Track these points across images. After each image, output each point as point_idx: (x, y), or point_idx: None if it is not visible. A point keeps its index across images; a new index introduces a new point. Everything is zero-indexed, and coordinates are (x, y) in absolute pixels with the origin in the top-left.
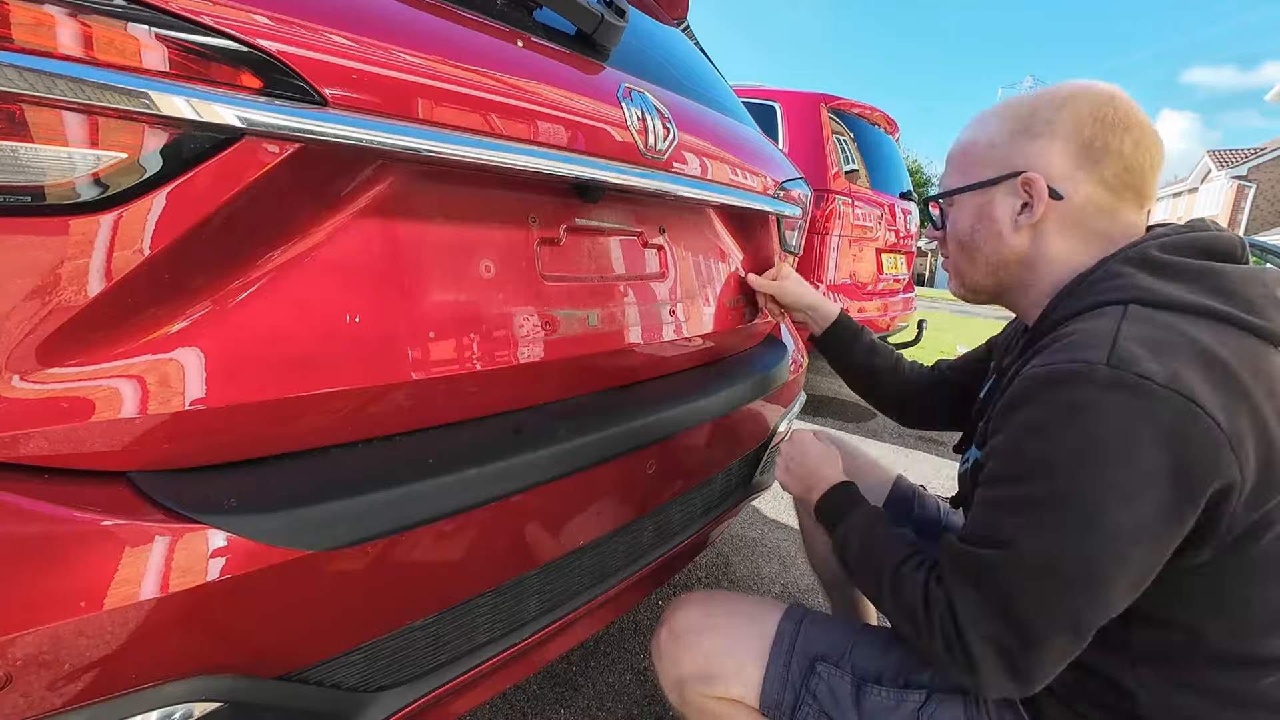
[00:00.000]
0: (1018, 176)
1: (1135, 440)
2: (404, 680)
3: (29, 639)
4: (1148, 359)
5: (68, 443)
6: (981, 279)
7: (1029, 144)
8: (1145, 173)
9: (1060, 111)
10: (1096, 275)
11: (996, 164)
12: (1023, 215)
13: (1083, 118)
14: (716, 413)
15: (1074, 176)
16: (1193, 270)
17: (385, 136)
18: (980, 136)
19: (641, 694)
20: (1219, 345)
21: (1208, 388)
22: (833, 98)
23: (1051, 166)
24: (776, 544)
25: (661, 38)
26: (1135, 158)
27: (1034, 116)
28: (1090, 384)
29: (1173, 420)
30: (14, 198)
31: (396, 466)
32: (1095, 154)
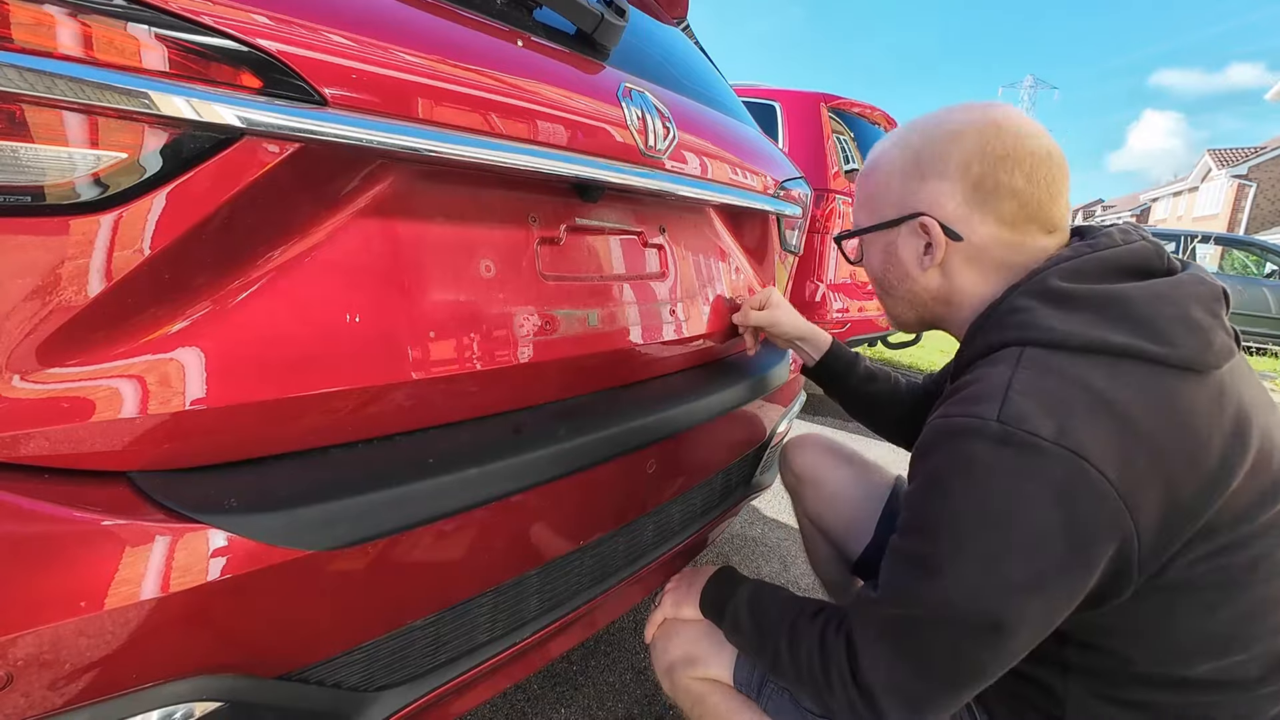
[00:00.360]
0: (917, 218)
1: (1025, 498)
2: (405, 680)
3: (29, 639)
4: (1037, 415)
5: (68, 443)
6: (905, 313)
7: (923, 185)
8: (1043, 204)
9: (950, 147)
10: (1001, 309)
11: (896, 204)
12: (926, 255)
13: (969, 155)
14: (716, 412)
15: (969, 218)
16: (1095, 298)
17: (385, 136)
18: (881, 170)
19: (642, 693)
20: (1116, 387)
21: (1100, 438)
22: (833, 97)
23: (945, 209)
24: (777, 543)
25: (661, 37)
26: (1029, 191)
27: (925, 153)
28: (981, 440)
29: (1062, 478)
30: (14, 198)
31: (397, 466)
32: (986, 193)
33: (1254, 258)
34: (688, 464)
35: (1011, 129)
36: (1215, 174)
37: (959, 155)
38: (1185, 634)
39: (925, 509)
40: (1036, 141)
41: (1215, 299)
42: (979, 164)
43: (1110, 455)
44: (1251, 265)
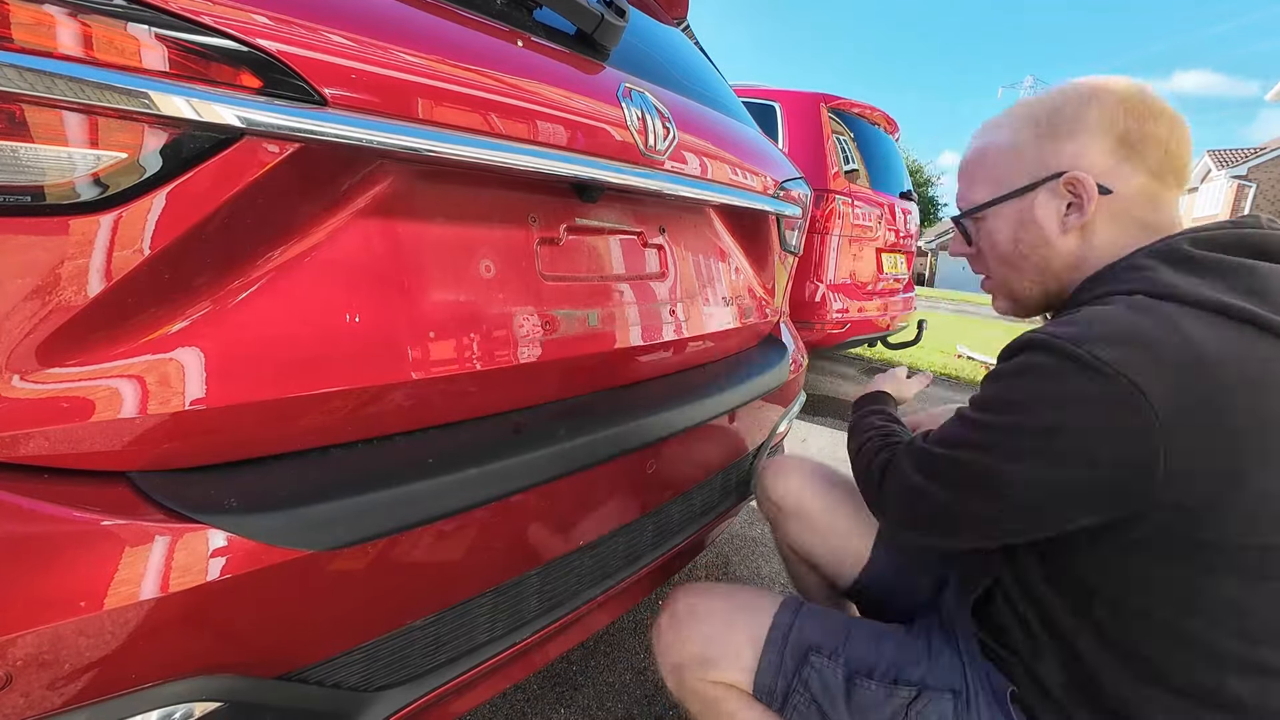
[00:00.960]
0: (1059, 178)
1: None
2: (405, 679)
3: (29, 639)
4: (1110, 344)
5: (68, 442)
6: (1031, 290)
7: (1063, 144)
8: (1184, 156)
9: (1087, 107)
10: (1120, 265)
11: (1028, 170)
12: (1071, 216)
13: (1113, 110)
14: (716, 413)
15: (1118, 169)
16: (1223, 266)
17: (385, 136)
18: (1000, 144)
19: (641, 693)
20: (1211, 339)
21: (1164, 379)
22: (833, 97)
23: (1094, 162)
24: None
25: (661, 37)
26: (1173, 142)
27: (1058, 116)
28: (1048, 352)
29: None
30: (14, 198)
31: (396, 466)
32: (1134, 144)
33: None
34: (687, 464)
35: (1147, 89)
36: (1215, 175)
37: (1101, 111)
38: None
39: (985, 394)
40: (1167, 104)
41: None
42: (1124, 118)
43: (1173, 399)
44: None
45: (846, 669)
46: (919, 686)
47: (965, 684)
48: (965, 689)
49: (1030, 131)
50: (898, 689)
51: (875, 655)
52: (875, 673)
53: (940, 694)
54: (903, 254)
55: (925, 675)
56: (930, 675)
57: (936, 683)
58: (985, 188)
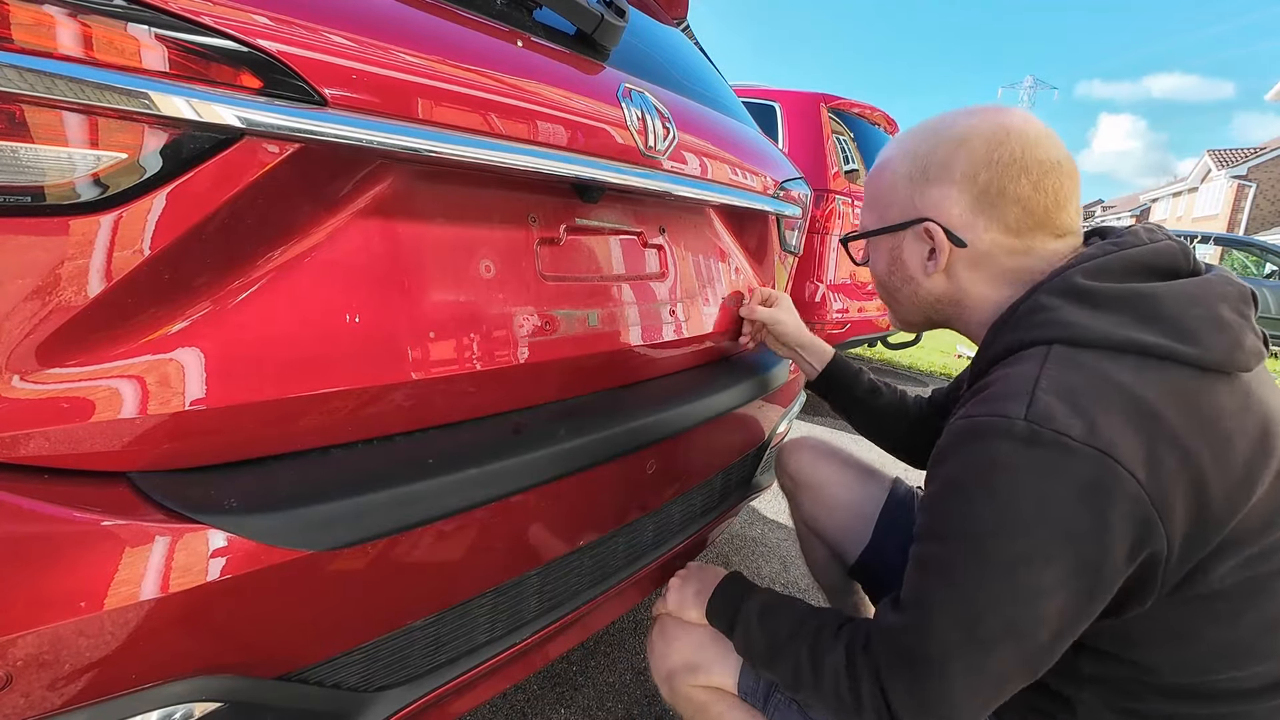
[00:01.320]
0: (921, 223)
1: (1053, 499)
2: (404, 680)
3: (29, 639)
4: (1066, 413)
5: (68, 443)
6: (910, 315)
7: (928, 189)
8: (1050, 211)
9: (955, 154)
10: (1024, 307)
11: (901, 207)
12: (930, 261)
13: (977, 162)
14: (716, 413)
15: (974, 224)
16: (1122, 297)
17: (385, 136)
18: (887, 174)
19: (641, 693)
20: (1143, 386)
21: (1129, 438)
22: (833, 97)
23: (950, 215)
24: (777, 544)
25: (661, 37)
26: (1035, 200)
27: (931, 158)
28: (1007, 440)
29: (1091, 478)
30: (14, 198)
31: (396, 466)
32: (992, 200)
33: (1254, 258)
34: (687, 464)
35: (1019, 136)
36: (1215, 174)
37: (966, 162)
38: (1207, 644)
39: (946, 514)
40: (1045, 149)
41: (1243, 300)
42: (985, 171)
43: (1140, 456)
44: (1251, 266)
45: None
46: None
47: None
48: None
49: (907, 171)
50: None
51: None
52: None
53: None
54: None
55: None
56: None
57: None
58: (870, 215)
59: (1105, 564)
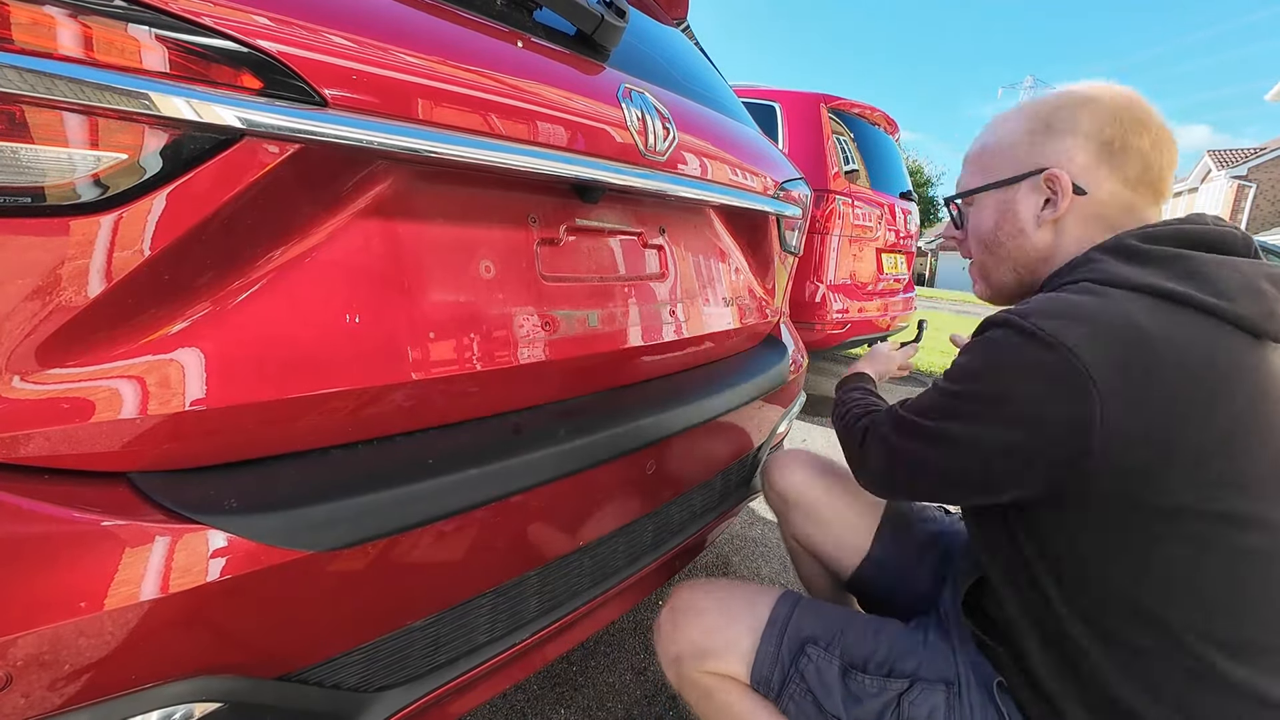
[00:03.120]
0: (1041, 173)
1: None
2: (404, 680)
3: (29, 639)
4: (1051, 316)
5: (68, 443)
6: (1006, 277)
7: (1051, 142)
8: (1163, 170)
9: (1080, 111)
10: (1077, 260)
11: (1018, 162)
12: (1046, 210)
13: (1103, 117)
14: (716, 413)
15: (1096, 173)
16: (1165, 257)
17: (385, 137)
18: (1000, 137)
19: (641, 694)
20: (1153, 324)
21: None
22: (833, 98)
23: (1075, 163)
24: (777, 544)
25: (661, 38)
26: (1154, 156)
27: (1054, 116)
28: (1003, 327)
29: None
30: (14, 198)
31: (396, 467)
32: (1116, 152)
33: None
34: (687, 465)
35: (1140, 101)
36: (1215, 175)
37: (1093, 117)
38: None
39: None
40: (1160, 118)
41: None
42: (1111, 126)
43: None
44: None
45: (842, 661)
46: (912, 678)
47: (957, 675)
48: (957, 680)
49: (1027, 127)
50: (891, 680)
51: (871, 648)
52: (870, 665)
53: (933, 685)
54: (903, 254)
55: (919, 667)
56: (924, 667)
57: (930, 674)
58: (977, 176)
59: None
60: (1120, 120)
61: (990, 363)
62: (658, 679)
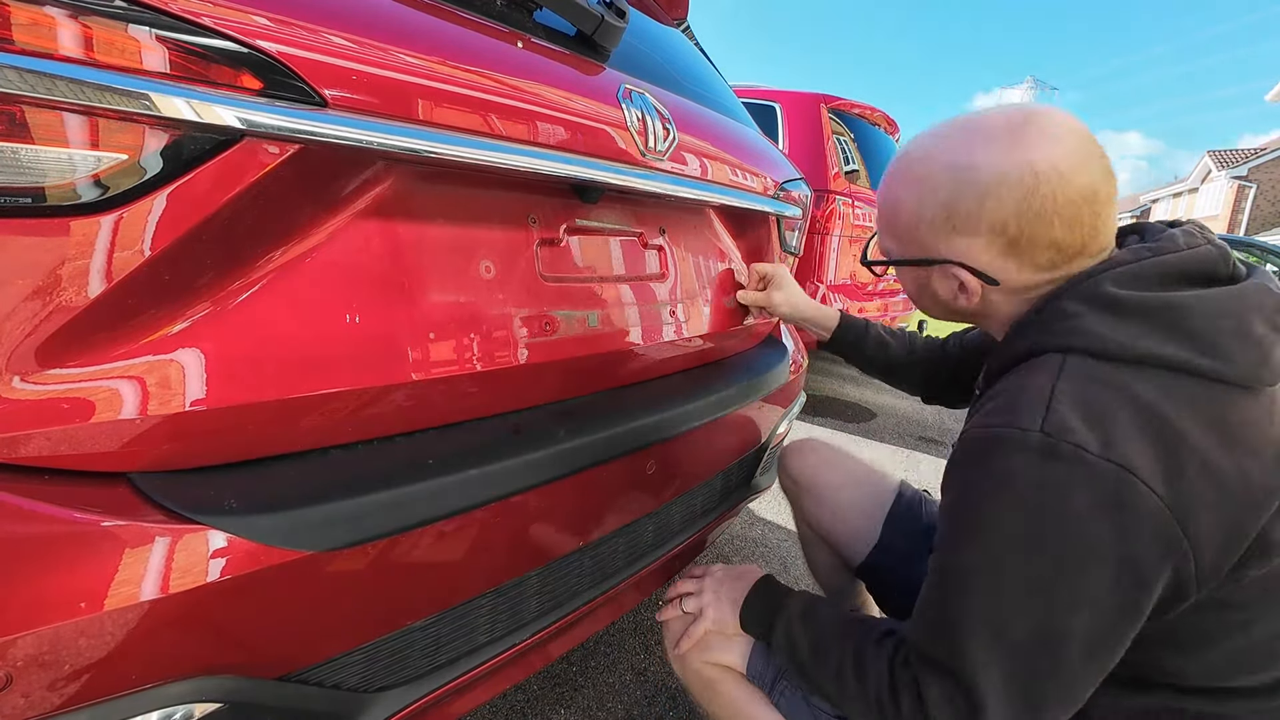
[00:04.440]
0: (948, 264)
1: (1070, 516)
2: (404, 681)
3: (29, 640)
4: (1082, 427)
5: (68, 443)
6: (939, 316)
7: (954, 238)
8: (1085, 242)
9: (981, 207)
10: (1047, 311)
11: (926, 247)
12: (960, 294)
13: (1005, 215)
14: (716, 413)
15: (1005, 267)
16: (1149, 307)
17: (385, 137)
18: (908, 207)
19: (642, 694)
20: (1165, 400)
21: (1148, 453)
22: (833, 98)
23: (979, 260)
24: (777, 544)
25: (661, 38)
26: (1069, 238)
27: (955, 208)
28: (1023, 452)
29: (1110, 492)
30: (14, 199)
31: (396, 467)
32: (1022, 247)
33: (1254, 259)
34: (687, 465)
35: (1049, 178)
36: (1215, 175)
37: (993, 215)
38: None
39: (966, 526)
40: (1079, 181)
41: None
42: (1015, 223)
43: (1159, 470)
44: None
45: None
46: None
47: None
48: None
49: (930, 211)
50: None
51: None
52: None
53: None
54: None
55: None
56: None
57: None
58: (892, 241)
59: (1131, 581)
60: (1024, 214)
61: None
62: (658, 679)
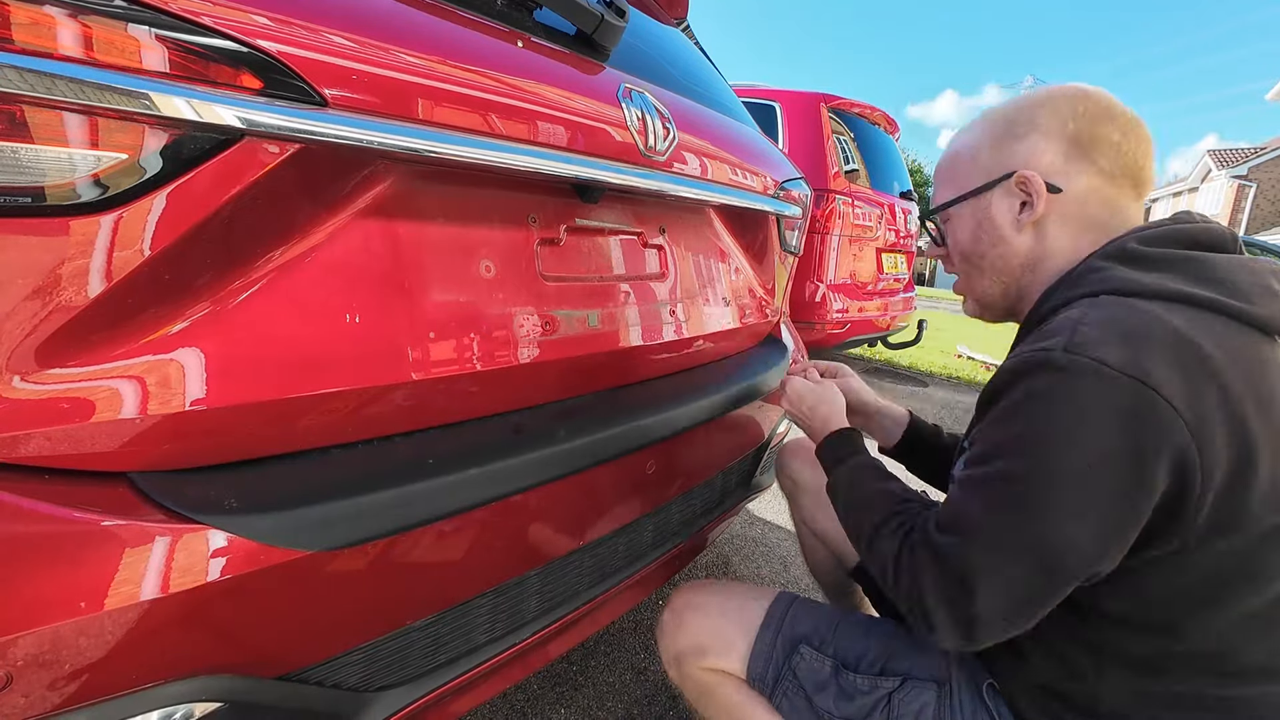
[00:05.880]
0: (1011, 177)
1: (1089, 422)
2: (405, 680)
3: (30, 639)
4: (1104, 344)
5: (68, 443)
6: (991, 289)
7: (1016, 145)
8: (1138, 159)
9: (1040, 110)
10: (1078, 271)
11: (987, 169)
12: (1023, 214)
13: (1065, 112)
14: (716, 413)
15: (1068, 169)
16: (1173, 259)
17: (385, 137)
18: (965, 147)
19: (641, 693)
20: (1194, 330)
21: (1171, 372)
22: (833, 97)
23: (1044, 162)
24: (776, 544)
25: (661, 38)
26: (1125, 144)
27: (1016, 118)
28: (1048, 370)
29: (1128, 403)
30: (14, 198)
31: (396, 467)
32: (1084, 145)
33: (1252, 255)
34: (687, 465)
35: (1099, 94)
36: (1215, 175)
37: (1054, 114)
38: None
39: (996, 438)
40: (1125, 107)
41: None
42: (1074, 120)
43: (1179, 386)
44: None
45: (834, 660)
46: (904, 676)
47: (949, 675)
48: (949, 679)
49: (989, 134)
50: (882, 679)
51: (863, 647)
52: (862, 664)
53: (923, 683)
54: (903, 254)
55: (911, 666)
56: (916, 666)
57: (921, 673)
58: (949, 189)
59: (1138, 489)
60: (1082, 114)
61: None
62: (658, 679)
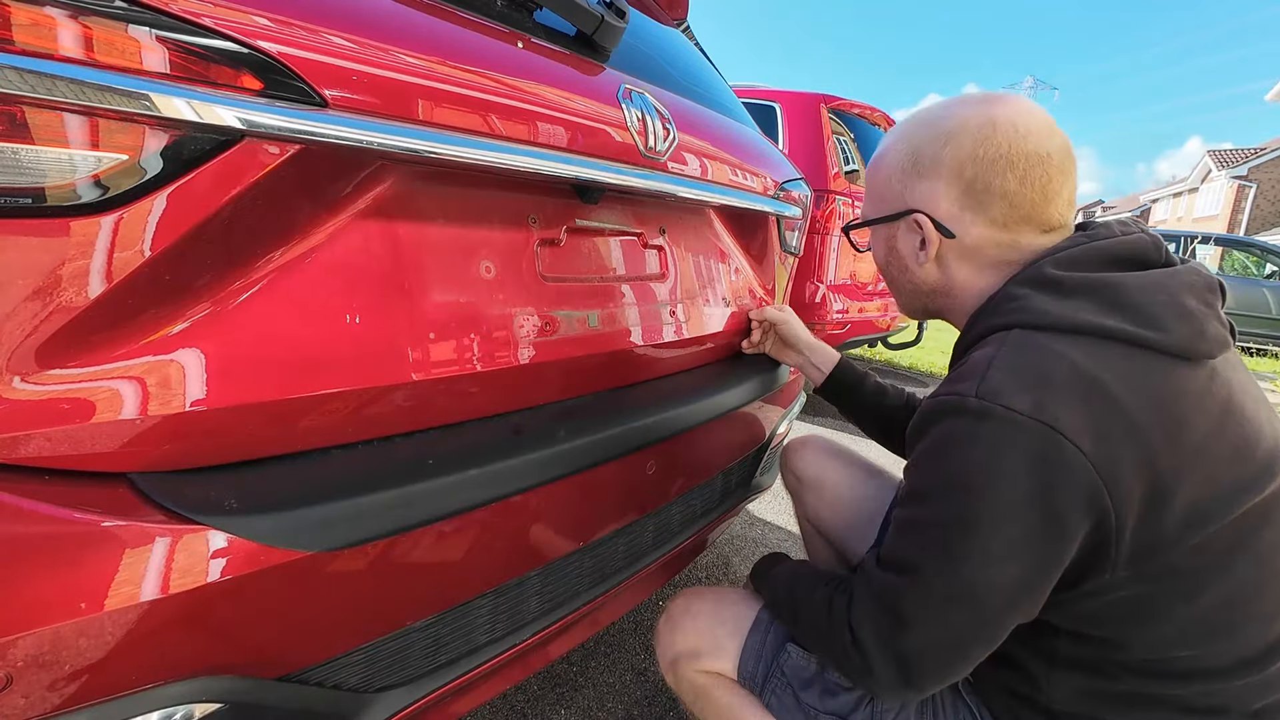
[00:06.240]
0: (912, 214)
1: (1002, 469)
2: (405, 681)
3: (29, 640)
4: (1013, 389)
5: (68, 444)
6: (909, 303)
7: (918, 183)
8: (1037, 205)
9: (945, 148)
10: (997, 299)
11: (894, 200)
12: (921, 251)
13: (963, 155)
14: (716, 413)
15: (961, 217)
16: (1088, 285)
17: (385, 138)
18: (884, 165)
19: (641, 694)
20: (1099, 367)
21: (1077, 414)
22: (833, 98)
23: (939, 208)
24: (777, 544)
25: (661, 38)
26: (1022, 194)
27: (922, 150)
28: (962, 416)
29: (1036, 448)
30: (14, 199)
31: (396, 467)
32: (978, 195)
33: (1254, 258)
34: (687, 465)
35: (1007, 130)
36: (1215, 175)
37: (952, 158)
38: (1172, 622)
39: (918, 482)
40: (1034, 141)
41: (1210, 289)
42: (971, 167)
43: (1086, 428)
44: (1251, 266)
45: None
46: None
47: None
48: None
49: (901, 161)
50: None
51: None
52: None
53: None
54: None
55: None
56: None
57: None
58: (869, 204)
59: (1054, 533)
60: (980, 158)
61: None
62: (658, 680)
